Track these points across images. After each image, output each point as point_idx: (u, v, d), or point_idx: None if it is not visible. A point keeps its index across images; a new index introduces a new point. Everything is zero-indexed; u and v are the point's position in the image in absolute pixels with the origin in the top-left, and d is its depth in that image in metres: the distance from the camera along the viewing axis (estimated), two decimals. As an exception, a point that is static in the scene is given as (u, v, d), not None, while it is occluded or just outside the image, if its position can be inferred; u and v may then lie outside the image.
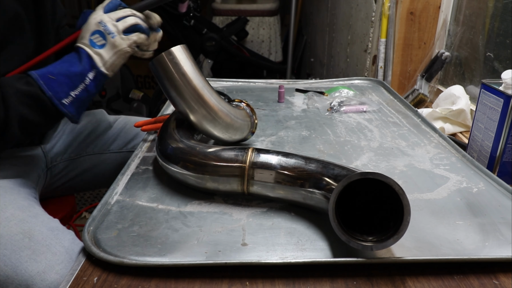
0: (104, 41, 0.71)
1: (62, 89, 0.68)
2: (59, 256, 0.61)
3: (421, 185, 0.70)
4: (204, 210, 0.62)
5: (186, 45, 0.71)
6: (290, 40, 2.75)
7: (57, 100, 0.68)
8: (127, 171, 0.74)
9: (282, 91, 1.12)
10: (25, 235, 0.62)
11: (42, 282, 0.58)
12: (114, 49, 0.71)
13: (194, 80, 0.70)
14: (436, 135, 0.90)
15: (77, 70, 0.69)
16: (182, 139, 0.69)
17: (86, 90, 0.70)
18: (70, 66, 0.70)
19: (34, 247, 0.61)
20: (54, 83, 0.68)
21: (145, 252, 0.52)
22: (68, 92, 0.68)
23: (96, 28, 0.72)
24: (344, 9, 2.03)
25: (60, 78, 0.68)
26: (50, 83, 0.67)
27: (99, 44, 0.71)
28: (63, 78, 0.69)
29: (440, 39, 1.42)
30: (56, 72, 0.69)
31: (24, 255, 0.60)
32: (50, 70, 0.69)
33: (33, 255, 0.60)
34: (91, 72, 0.70)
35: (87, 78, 0.70)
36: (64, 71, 0.69)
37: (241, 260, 0.51)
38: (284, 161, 0.60)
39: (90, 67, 0.70)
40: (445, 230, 0.58)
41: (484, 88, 0.83)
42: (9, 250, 0.60)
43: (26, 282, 0.58)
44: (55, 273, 0.59)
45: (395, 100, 1.13)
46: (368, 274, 0.50)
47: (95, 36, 0.71)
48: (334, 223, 0.50)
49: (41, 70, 0.70)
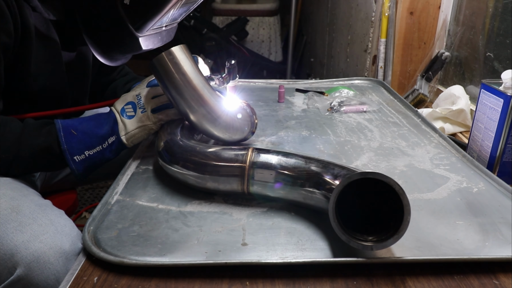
0: (134, 113, 0.74)
1: (78, 146, 0.70)
2: (44, 227, 0.61)
3: (421, 185, 0.70)
4: (204, 210, 0.62)
5: (186, 45, 0.72)
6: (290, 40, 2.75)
7: (69, 155, 0.69)
8: (127, 171, 0.74)
9: (282, 91, 1.12)
10: (13, 210, 0.63)
11: (26, 250, 0.58)
12: (140, 123, 0.74)
13: (194, 80, 0.70)
14: (436, 135, 0.90)
15: (100, 133, 0.71)
16: (182, 139, 0.69)
17: (101, 153, 0.71)
18: (96, 126, 0.72)
19: (20, 219, 0.62)
20: (74, 139, 0.69)
21: (145, 252, 0.52)
22: (83, 151, 0.70)
23: (131, 99, 0.75)
24: (344, 9, 2.03)
25: (81, 136, 0.70)
26: (70, 138, 0.69)
27: (129, 115, 0.74)
28: (84, 137, 0.70)
29: (440, 39, 1.42)
30: (80, 129, 0.70)
31: (10, 227, 0.61)
32: (76, 125, 0.71)
33: (19, 226, 0.61)
34: (111, 137, 0.72)
35: (106, 142, 0.72)
36: (88, 130, 0.71)
37: (241, 260, 0.51)
38: (284, 161, 0.60)
39: (112, 132, 0.72)
40: (445, 230, 0.58)
41: (484, 88, 0.83)
42: None
43: (10, 251, 0.59)
44: (39, 242, 0.59)
45: (395, 100, 1.13)
46: (368, 274, 0.50)
47: (128, 107, 0.74)
48: (334, 223, 0.50)
49: (67, 121, 0.71)
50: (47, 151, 0.69)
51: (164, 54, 0.69)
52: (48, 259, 0.58)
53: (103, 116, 0.74)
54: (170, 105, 0.74)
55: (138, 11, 0.71)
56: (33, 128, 0.70)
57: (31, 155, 0.69)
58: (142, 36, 0.75)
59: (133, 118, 0.73)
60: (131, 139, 0.73)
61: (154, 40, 0.80)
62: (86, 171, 0.71)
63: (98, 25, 0.74)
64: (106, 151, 0.72)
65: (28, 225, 0.61)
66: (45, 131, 0.70)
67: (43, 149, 0.69)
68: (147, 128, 0.74)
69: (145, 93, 0.75)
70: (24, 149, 0.69)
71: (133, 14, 0.71)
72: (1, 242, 0.59)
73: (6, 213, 0.62)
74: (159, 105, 0.75)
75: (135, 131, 0.73)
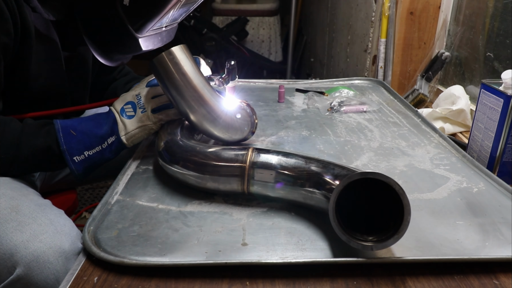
0: (134, 113, 0.73)
1: (78, 147, 0.69)
2: (44, 227, 0.61)
3: (421, 185, 0.70)
4: (204, 210, 0.62)
5: (186, 45, 0.72)
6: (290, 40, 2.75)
7: (69, 156, 0.69)
8: (127, 171, 0.74)
9: (282, 91, 1.12)
10: (13, 209, 0.63)
11: (25, 250, 0.59)
12: (140, 123, 0.73)
13: (195, 80, 0.70)
14: (436, 135, 0.90)
15: (100, 133, 0.71)
16: (183, 139, 0.69)
17: (101, 153, 0.71)
18: (95, 127, 0.71)
19: (20, 219, 0.62)
20: (73, 139, 0.69)
21: (145, 252, 0.52)
22: (83, 151, 0.70)
23: (131, 99, 0.75)
24: (344, 9, 2.03)
25: (80, 136, 0.70)
26: (69, 139, 0.69)
27: (128, 115, 0.73)
28: (84, 137, 0.70)
29: (440, 39, 1.42)
30: (79, 129, 0.70)
31: (9, 226, 0.61)
32: (75, 125, 0.71)
33: (18, 226, 0.61)
34: (111, 137, 0.72)
35: (105, 142, 0.71)
36: (87, 130, 0.70)
37: (241, 260, 0.51)
38: (284, 161, 0.60)
39: (112, 132, 0.72)
40: (445, 230, 0.58)
41: (484, 88, 0.83)
42: None
43: (10, 251, 0.59)
44: (39, 242, 0.59)
45: (395, 100, 1.13)
46: (368, 274, 0.50)
47: (128, 106, 0.74)
48: (334, 223, 0.50)
49: (66, 121, 0.71)
50: (47, 151, 0.69)
51: (164, 54, 0.69)
52: (48, 258, 0.58)
53: (102, 116, 0.74)
54: (170, 105, 0.74)
55: (137, 12, 0.71)
56: (32, 128, 0.70)
57: (30, 155, 0.69)
58: (142, 37, 0.75)
59: (133, 118, 0.73)
60: (131, 139, 0.73)
61: (154, 41, 0.80)
62: (85, 171, 0.71)
63: (97, 26, 0.74)
64: (106, 151, 0.72)
65: (27, 224, 0.61)
66: (44, 131, 0.70)
67: (42, 150, 0.69)
68: (147, 128, 0.74)
69: (145, 93, 0.75)
70: (23, 149, 0.69)
71: (132, 15, 0.71)
72: (1, 241, 0.59)
73: (6, 213, 0.62)
74: (159, 105, 0.74)
75: (135, 131, 0.73)
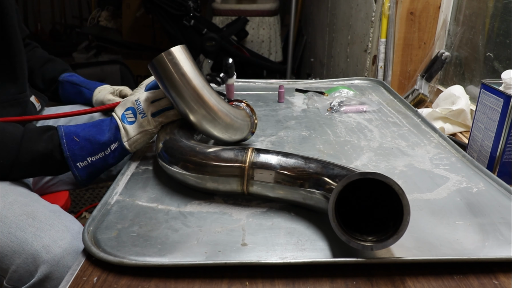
0: (134, 119, 0.74)
1: (81, 153, 0.70)
2: (61, 233, 0.65)
3: (421, 185, 0.70)
4: (204, 210, 0.62)
5: (185, 45, 0.71)
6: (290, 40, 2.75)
7: (72, 162, 0.70)
8: (127, 171, 0.74)
9: (282, 91, 1.12)
10: (29, 216, 0.66)
11: (47, 254, 0.62)
12: (141, 128, 0.73)
13: (194, 80, 0.70)
14: (436, 135, 0.90)
15: (102, 140, 0.71)
16: (182, 139, 0.69)
17: (104, 159, 0.72)
18: (97, 133, 0.72)
19: (38, 225, 0.65)
20: (76, 146, 0.70)
21: (145, 252, 0.52)
22: (86, 157, 0.70)
23: (131, 105, 0.75)
24: (344, 9, 2.03)
25: (83, 143, 0.70)
26: (72, 145, 0.70)
27: (129, 121, 0.73)
28: (87, 144, 0.70)
29: (440, 39, 1.42)
30: (82, 136, 0.71)
31: (28, 232, 0.64)
32: (78, 132, 0.71)
33: (37, 232, 0.64)
34: (114, 143, 0.72)
35: (108, 149, 0.72)
36: (90, 137, 0.71)
37: (241, 260, 0.51)
38: (284, 161, 0.60)
39: (114, 139, 0.72)
40: (445, 230, 0.58)
41: (484, 88, 0.83)
42: (14, 229, 0.64)
43: (32, 255, 0.62)
44: (59, 247, 0.63)
45: (395, 100, 1.13)
46: (368, 274, 0.50)
47: (128, 112, 0.74)
48: (334, 223, 0.50)
49: (69, 127, 0.72)
50: (48, 157, 0.70)
51: (164, 54, 0.69)
52: (67, 263, 0.63)
53: (105, 122, 0.74)
54: (170, 108, 0.75)
55: None
56: (34, 133, 0.71)
57: (31, 160, 0.70)
58: None
59: (133, 123, 0.73)
60: (134, 145, 0.74)
61: None
62: (89, 177, 0.72)
63: None
64: (109, 158, 0.72)
65: (46, 231, 0.64)
66: (47, 137, 0.70)
67: (43, 155, 0.70)
68: (148, 132, 0.74)
69: (144, 98, 0.75)
70: (24, 154, 0.69)
71: None
72: (22, 247, 0.63)
73: (23, 219, 0.65)
74: (159, 109, 0.75)
75: (136, 136, 0.73)
